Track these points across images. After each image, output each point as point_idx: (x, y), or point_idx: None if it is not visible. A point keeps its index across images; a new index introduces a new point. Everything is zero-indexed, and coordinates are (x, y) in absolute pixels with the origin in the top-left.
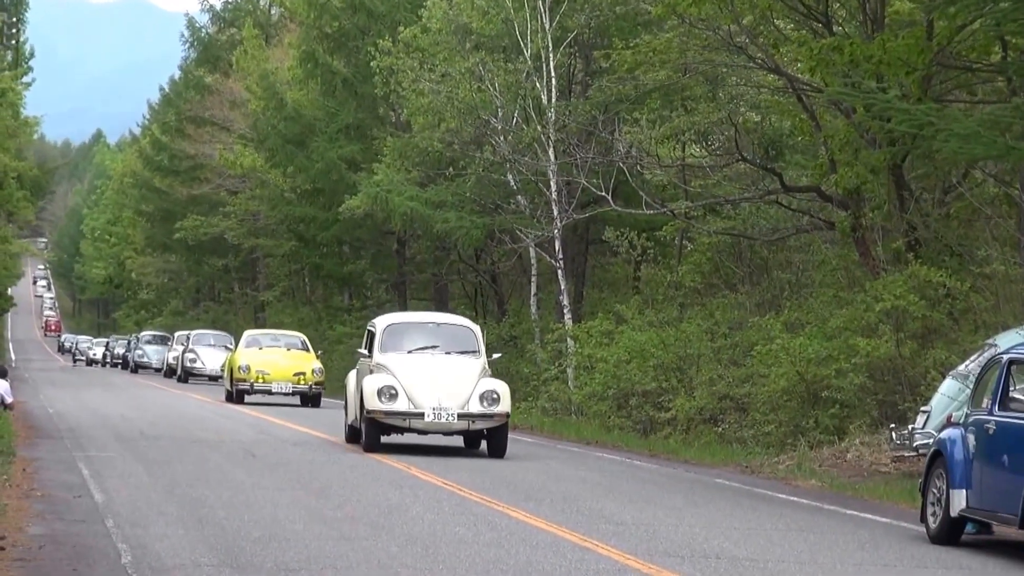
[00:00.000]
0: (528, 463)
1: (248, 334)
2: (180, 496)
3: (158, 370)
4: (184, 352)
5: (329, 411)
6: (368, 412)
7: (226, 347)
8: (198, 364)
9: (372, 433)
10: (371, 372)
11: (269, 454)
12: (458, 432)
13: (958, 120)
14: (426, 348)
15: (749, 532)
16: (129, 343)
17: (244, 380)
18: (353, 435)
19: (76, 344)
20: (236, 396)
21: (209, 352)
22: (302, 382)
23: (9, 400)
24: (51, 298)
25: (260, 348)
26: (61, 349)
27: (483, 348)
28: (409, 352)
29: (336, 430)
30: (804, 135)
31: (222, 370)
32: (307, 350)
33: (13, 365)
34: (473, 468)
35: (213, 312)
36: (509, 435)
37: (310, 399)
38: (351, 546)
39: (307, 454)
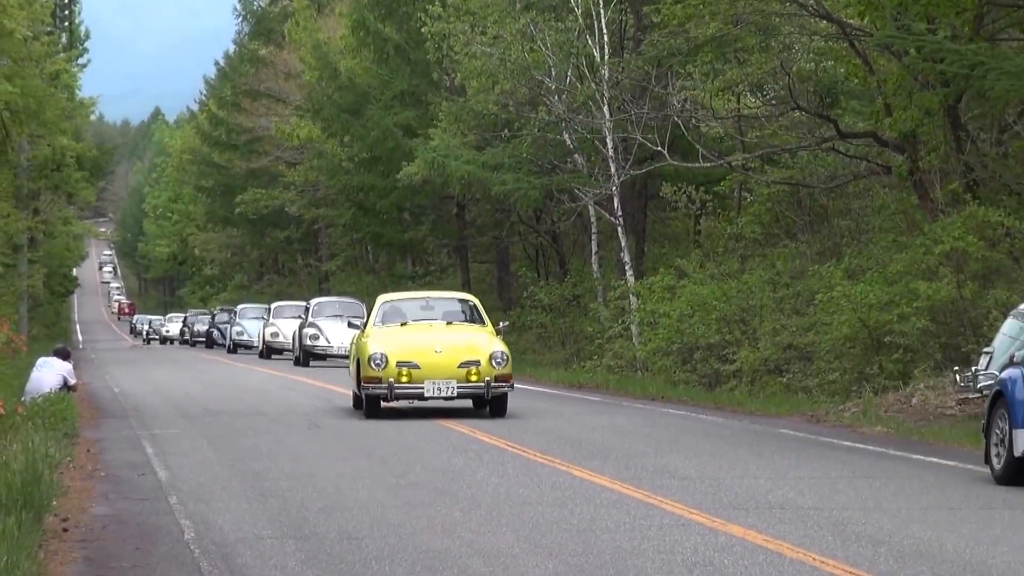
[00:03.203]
0: (593, 421)
1: (384, 301)
2: (243, 470)
3: (239, 347)
4: (302, 327)
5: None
6: None
7: (355, 318)
8: (321, 342)
9: None
10: None
11: (332, 424)
12: None
13: (1009, 58)
14: None
15: (814, 481)
16: (213, 318)
17: (378, 381)
18: None
19: (150, 323)
20: (367, 405)
21: (335, 326)
22: (474, 377)
23: (72, 382)
24: (117, 287)
25: (403, 324)
26: (133, 331)
27: None
28: None
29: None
30: (858, 80)
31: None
32: (480, 321)
33: (80, 346)
34: (537, 429)
35: (277, 285)
36: (576, 395)
37: (490, 402)
38: (414, 512)
39: (370, 422)
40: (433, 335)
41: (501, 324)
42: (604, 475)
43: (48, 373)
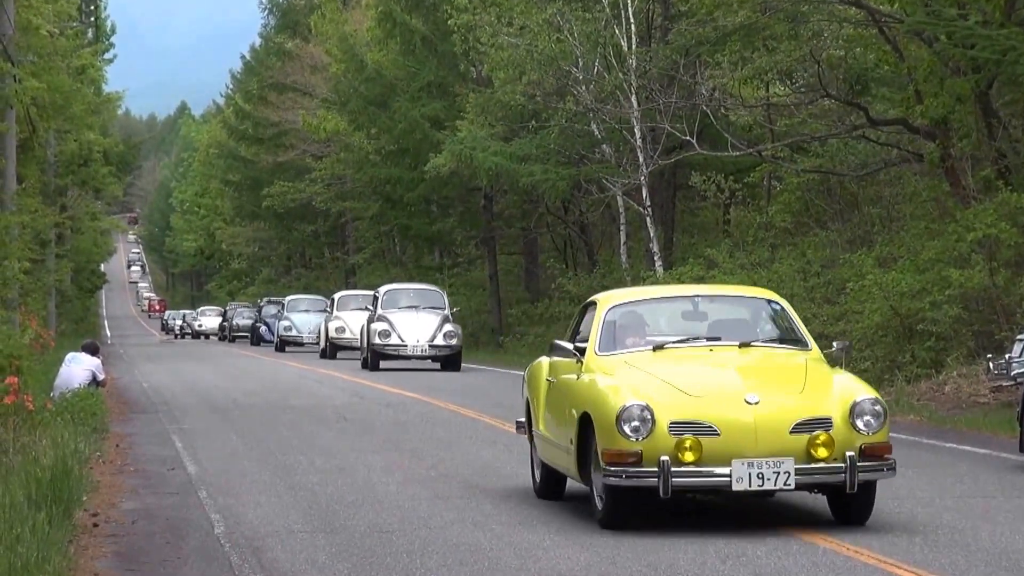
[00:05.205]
0: None
1: (614, 306)
2: (273, 464)
3: (288, 344)
4: (370, 321)
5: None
6: None
7: (434, 309)
8: (393, 339)
9: None
10: None
11: (363, 418)
12: None
13: None
14: None
15: None
16: (259, 311)
17: (636, 459)
18: None
19: (183, 317)
20: (609, 505)
21: (410, 320)
22: (823, 452)
23: (101, 377)
24: (145, 286)
25: (658, 348)
26: (164, 327)
27: None
28: None
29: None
30: (888, 67)
31: (431, 347)
32: (798, 340)
33: (108, 342)
34: None
35: (305, 278)
36: None
37: (850, 497)
38: (445, 505)
39: (400, 415)
40: (728, 372)
41: (837, 345)
42: None
43: (77, 368)
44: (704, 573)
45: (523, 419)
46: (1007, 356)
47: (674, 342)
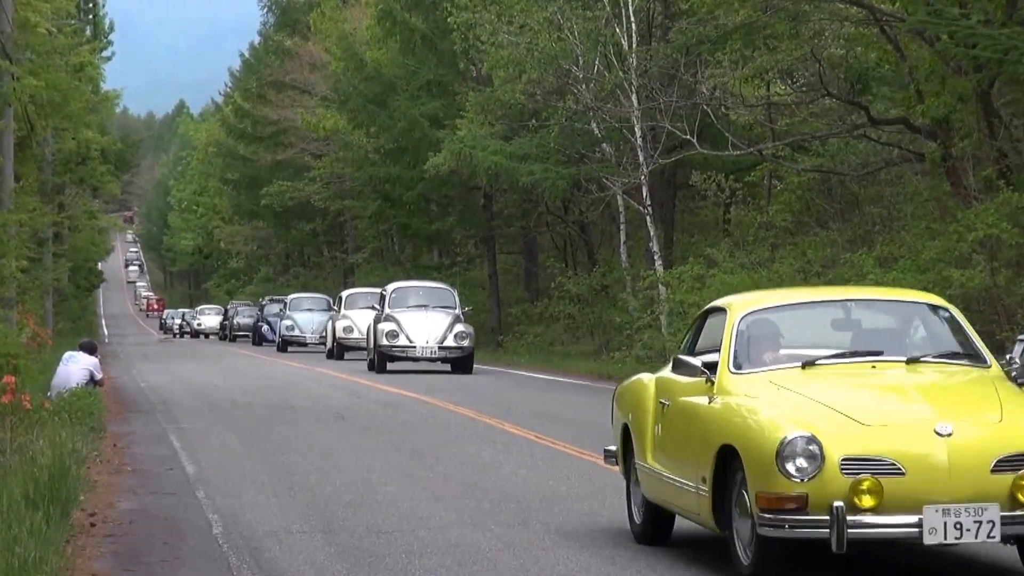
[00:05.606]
0: None
1: (748, 312)
2: (271, 464)
3: (290, 344)
4: (377, 321)
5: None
6: None
7: (444, 309)
8: (400, 340)
9: None
10: None
11: (361, 417)
12: None
13: None
14: None
15: None
16: (262, 310)
17: (802, 505)
18: None
19: (182, 316)
20: (758, 560)
21: (418, 320)
22: None
23: (99, 376)
24: (143, 285)
25: (807, 364)
26: (163, 327)
27: None
28: None
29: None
30: (889, 66)
31: (441, 348)
32: (970, 354)
33: (106, 340)
34: (567, 421)
35: (303, 277)
36: (605, 386)
37: None
38: (444, 505)
39: (399, 415)
40: (907, 396)
41: (1010, 356)
42: None
43: (74, 367)
44: (704, 573)
45: (612, 447)
46: (1008, 356)
47: (828, 357)
